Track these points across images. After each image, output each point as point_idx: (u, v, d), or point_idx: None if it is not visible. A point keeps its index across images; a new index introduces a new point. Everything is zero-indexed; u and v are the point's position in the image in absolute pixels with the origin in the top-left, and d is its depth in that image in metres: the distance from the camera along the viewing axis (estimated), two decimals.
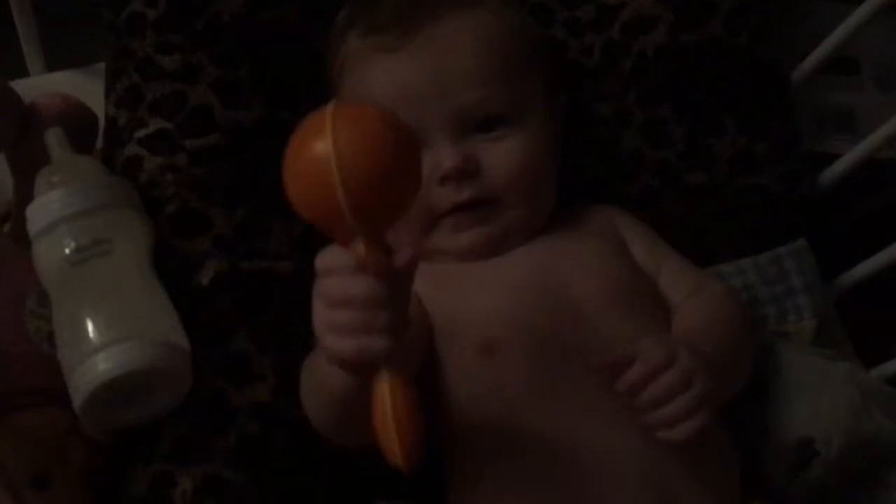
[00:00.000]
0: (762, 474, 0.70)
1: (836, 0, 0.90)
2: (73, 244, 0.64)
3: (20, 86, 0.73)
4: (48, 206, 0.65)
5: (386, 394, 0.49)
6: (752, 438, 0.70)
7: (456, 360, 0.66)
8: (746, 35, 0.79)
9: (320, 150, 0.49)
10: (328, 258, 0.51)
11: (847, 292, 0.82)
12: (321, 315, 0.51)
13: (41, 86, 0.81)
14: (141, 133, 0.72)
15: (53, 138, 0.68)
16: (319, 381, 0.60)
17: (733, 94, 0.79)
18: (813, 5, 0.93)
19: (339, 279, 0.50)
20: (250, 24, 0.75)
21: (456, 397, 0.65)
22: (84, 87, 0.80)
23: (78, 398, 0.61)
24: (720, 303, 0.70)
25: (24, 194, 0.69)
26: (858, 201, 0.94)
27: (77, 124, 0.72)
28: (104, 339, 0.61)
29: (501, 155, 0.68)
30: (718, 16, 0.78)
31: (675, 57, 0.78)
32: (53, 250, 0.65)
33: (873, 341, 0.80)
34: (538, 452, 0.62)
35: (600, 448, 0.62)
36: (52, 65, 0.89)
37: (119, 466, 0.64)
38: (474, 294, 0.67)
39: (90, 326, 0.62)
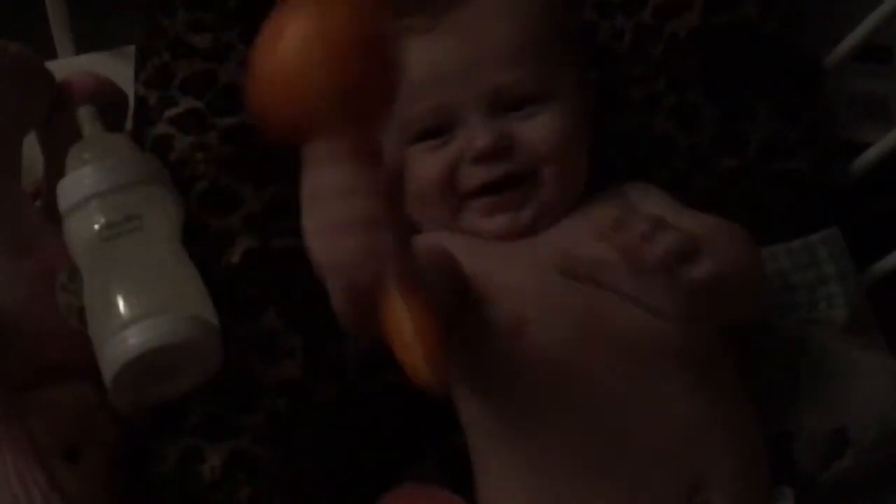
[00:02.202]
0: (791, 461, 0.69)
1: None
2: (103, 220, 0.65)
3: (49, 68, 0.74)
4: (79, 182, 0.66)
5: (403, 316, 0.46)
6: (782, 425, 0.69)
7: (483, 337, 0.65)
8: (779, 19, 0.78)
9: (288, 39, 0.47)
10: (317, 181, 0.47)
11: (879, 283, 0.81)
12: (322, 250, 0.48)
13: (69, 68, 0.81)
14: (171, 112, 0.72)
15: (85, 115, 0.69)
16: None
17: (766, 78, 0.78)
18: None
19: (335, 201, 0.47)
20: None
21: (477, 376, 0.65)
22: (112, 69, 0.80)
23: (108, 373, 0.61)
24: (732, 228, 0.65)
25: (55, 171, 0.70)
26: (891, 190, 0.93)
27: (108, 103, 0.73)
28: (134, 314, 0.62)
29: (535, 130, 0.68)
30: None
31: (707, 40, 0.77)
32: (84, 226, 0.65)
33: None
34: (562, 433, 0.61)
35: (628, 428, 0.61)
36: (81, 47, 0.89)
37: (148, 442, 0.64)
38: (504, 271, 0.66)
39: (120, 301, 0.62)
